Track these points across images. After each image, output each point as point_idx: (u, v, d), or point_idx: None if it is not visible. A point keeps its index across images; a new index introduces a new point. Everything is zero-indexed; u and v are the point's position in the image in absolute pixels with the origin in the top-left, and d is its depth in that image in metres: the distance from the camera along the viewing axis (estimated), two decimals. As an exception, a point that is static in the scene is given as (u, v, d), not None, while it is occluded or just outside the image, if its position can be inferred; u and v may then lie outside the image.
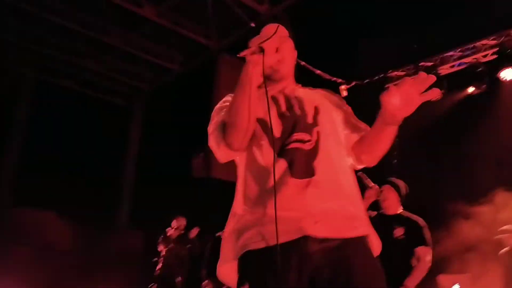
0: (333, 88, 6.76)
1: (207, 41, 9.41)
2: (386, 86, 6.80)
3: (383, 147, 1.62)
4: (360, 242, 1.51)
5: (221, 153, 1.68)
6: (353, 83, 6.65)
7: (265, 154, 1.57)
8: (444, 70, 6.15)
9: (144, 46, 9.79)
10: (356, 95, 6.80)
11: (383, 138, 1.60)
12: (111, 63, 10.38)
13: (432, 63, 6.22)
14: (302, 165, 1.52)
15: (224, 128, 1.61)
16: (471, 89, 5.78)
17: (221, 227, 5.07)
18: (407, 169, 5.48)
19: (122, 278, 8.61)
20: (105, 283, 8.24)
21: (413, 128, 1.92)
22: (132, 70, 10.70)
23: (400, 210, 3.89)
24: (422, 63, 6.31)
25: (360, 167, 1.73)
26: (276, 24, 1.65)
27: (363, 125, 1.77)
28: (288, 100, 1.68)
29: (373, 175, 3.87)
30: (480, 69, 5.74)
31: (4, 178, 9.59)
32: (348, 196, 1.56)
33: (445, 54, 6.10)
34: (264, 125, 1.59)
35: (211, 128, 1.71)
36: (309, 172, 1.51)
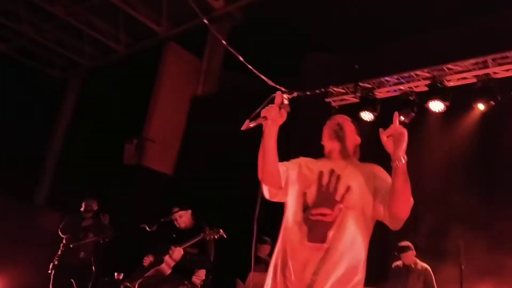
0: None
1: (157, 27, 9.19)
2: (326, 100, 7.03)
3: (400, 187, 1.87)
4: None
5: (264, 190, 2.15)
6: (295, 94, 6.76)
7: (294, 217, 2.05)
8: (380, 94, 6.47)
9: (89, 21, 9.39)
10: (296, 105, 6.95)
11: (397, 178, 1.87)
12: (52, 33, 9.84)
13: (370, 86, 6.51)
14: (318, 233, 1.95)
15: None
16: (402, 117, 6.10)
17: (144, 216, 4.91)
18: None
19: (34, 258, 8.19)
20: (15, 262, 7.80)
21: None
22: (73, 44, 10.21)
23: None
24: (361, 84, 6.59)
25: (395, 223, 2.00)
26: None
27: None
28: (331, 175, 2.08)
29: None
30: (412, 97, 6.10)
31: None
32: (347, 267, 1.93)
33: (383, 79, 6.41)
34: (303, 196, 2.06)
35: None
36: (322, 239, 1.94)
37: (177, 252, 4.43)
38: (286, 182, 2.14)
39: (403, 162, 1.83)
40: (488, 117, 5.59)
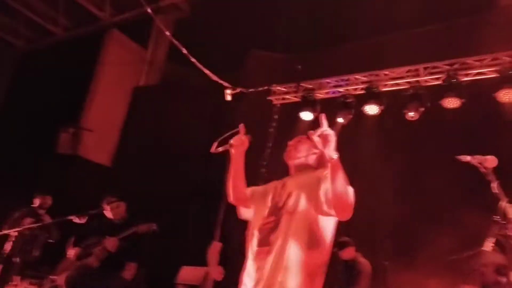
0: (220, 90, 6.89)
1: (99, 13, 8.87)
2: (268, 98, 7.12)
3: (336, 180, 2.05)
4: None
5: (240, 212, 2.58)
6: (238, 90, 6.81)
7: (252, 229, 2.37)
8: (320, 95, 6.64)
9: (25, 1, 8.88)
10: (239, 101, 7.01)
11: (332, 173, 2.05)
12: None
13: (311, 86, 6.66)
14: (264, 238, 2.24)
15: None
16: (339, 118, 6.31)
17: (77, 208, 4.75)
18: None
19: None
20: None
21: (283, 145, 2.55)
22: (7, 23, 9.62)
23: None
24: (302, 84, 6.73)
25: (341, 214, 2.15)
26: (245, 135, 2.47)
27: None
28: (281, 188, 2.38)
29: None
30: (350, 100, 6.32)
31: None
32: (287, 266, 2.14)
33: (323, 80, 6.58)
34: (261, 211, 2.37)
35: None
36: (266, 243, 2.22)
37: (108, 244, 4.32)
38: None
39: (335, 158, 2.01)
40: (418, 122, 5.90)
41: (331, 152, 2.00)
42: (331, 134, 1.99)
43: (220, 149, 2.43)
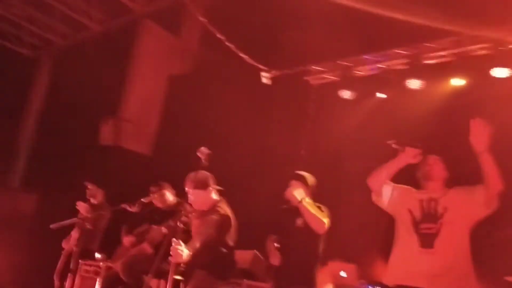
0: (257, 74, 6.83)
1: (131, 4, 8.93)
2: (305, 78, 7.03)
3: (487, 173, 2.68)
4: None
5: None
6: (274, 72, 6.77)
7: (406, 232, 2.93)
8: (360, 72, 6.49)
9: (59, -3, 9.03)
10: (277, 84, 6.96)
11: (482, 167, 2.70)
12: (20, 10, 9.45)
13: (349, 64, 6.52)
14: (426, 241, 2.77)
15: None
16: (380, 94, 6.17)
17: (123, 198, 4.85)
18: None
19: (12, 242, 8.06)
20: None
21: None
22: (44, 20, 9.83)
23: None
24: (339, 62, 6.59)
25: (492, 205, 2.78)
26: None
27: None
28: (430, 201, 2.91)
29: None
30: (391, 75, 6.15)
31: None
32: (452, 268, 2.70)
33: (362, 57, 6.43)
34: (412, 214, 2.94)
35: None
36: (429, 245, 2.76)
37: (158, 231, 4.42)
38: (390, 197, 3.02)
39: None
40: (462, 94, 5.68)
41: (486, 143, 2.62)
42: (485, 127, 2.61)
43: (394, 145, 2.85)
